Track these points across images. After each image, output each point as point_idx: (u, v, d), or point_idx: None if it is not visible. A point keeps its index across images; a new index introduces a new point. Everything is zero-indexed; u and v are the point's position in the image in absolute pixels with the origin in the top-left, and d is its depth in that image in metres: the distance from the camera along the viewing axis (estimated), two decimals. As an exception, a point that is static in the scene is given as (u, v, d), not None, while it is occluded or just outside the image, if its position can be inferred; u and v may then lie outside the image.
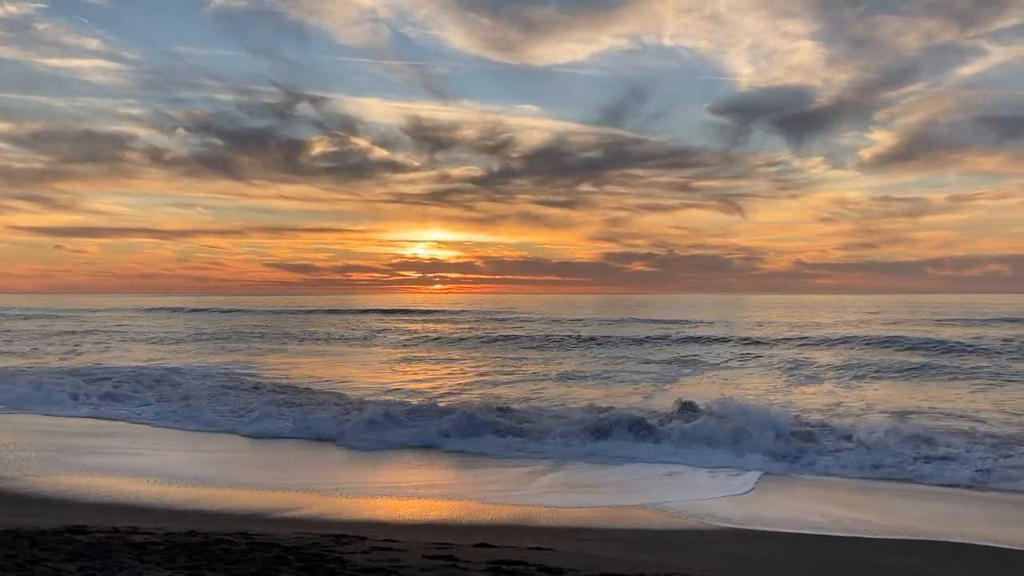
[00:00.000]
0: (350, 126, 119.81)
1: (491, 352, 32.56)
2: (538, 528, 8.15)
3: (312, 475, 10.98)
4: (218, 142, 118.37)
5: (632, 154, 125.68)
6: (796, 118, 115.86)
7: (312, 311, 73.42)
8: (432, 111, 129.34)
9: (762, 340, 34.49)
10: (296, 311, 74.00)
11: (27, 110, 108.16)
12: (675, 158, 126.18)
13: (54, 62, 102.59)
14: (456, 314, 66.80)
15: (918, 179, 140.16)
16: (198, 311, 74.46)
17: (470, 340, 38.33)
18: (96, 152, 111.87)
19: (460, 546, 6.74)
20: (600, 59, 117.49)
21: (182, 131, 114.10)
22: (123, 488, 9.77)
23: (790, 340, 33.99)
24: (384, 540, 6.89)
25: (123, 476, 10.48)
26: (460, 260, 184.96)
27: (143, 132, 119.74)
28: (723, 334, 38.03)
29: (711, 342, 34.00)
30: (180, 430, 14.60)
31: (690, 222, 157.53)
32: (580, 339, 36.50)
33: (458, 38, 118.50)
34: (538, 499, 9.57)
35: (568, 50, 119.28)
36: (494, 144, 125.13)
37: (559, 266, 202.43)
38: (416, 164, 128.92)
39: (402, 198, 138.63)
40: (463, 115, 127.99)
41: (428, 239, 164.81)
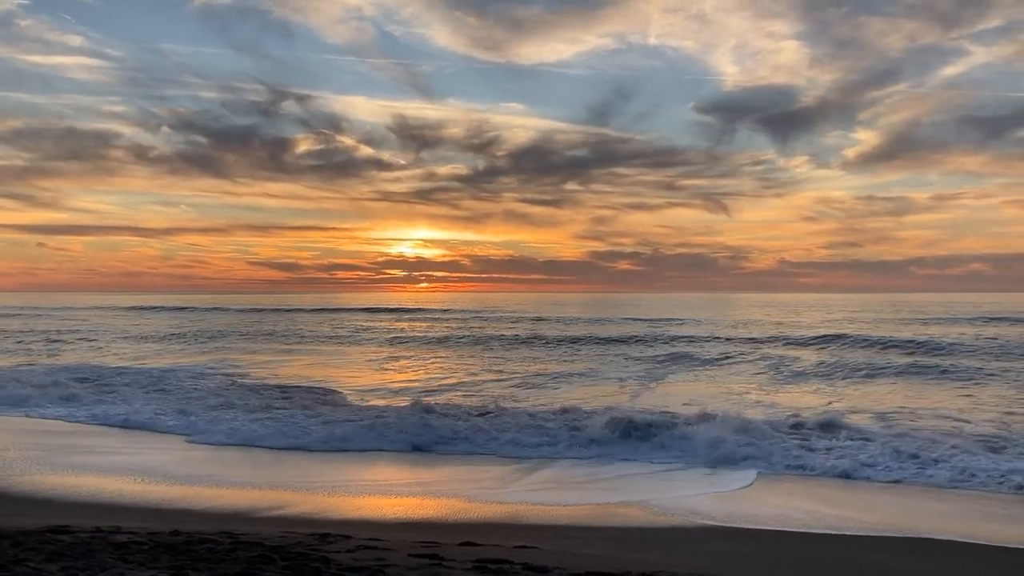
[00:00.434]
0: (335, 124, 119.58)
1: (476, 350, 32.54)
2: (524, 526, 8.16)
3: (296, 474, 10.94)
4: (202, 140, 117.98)
5: (618, 153, 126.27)
6: (781, 118, 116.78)
7: (297, 310, 73.13)
8: (418, 109, 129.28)
9: (747, 338, 34.69)
10: (281, 310, 73.65)
11: (9, 107, 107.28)
12: (660, 157, 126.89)
13: (37, 59, 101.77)
14: (441, 312, 66.70)
15: (901, 178, 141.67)
16: (182, 309, 73.96)
17: (455, 339, 38.32)
18: (80, 149, 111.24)
19: (445, 545, 6.74)
20: (586, 58, 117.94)
21: (166, 129, 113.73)
22: (106, 488, 9.70)
23: (775, 339, 34.17)
24: (369, 539, 6.88)
25: (106, 476, 10.40)
26: (446, 259, 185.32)
27: (127, 129, 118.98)
28: (708, 333, 38.23)
29: (697, 341, 34.13)
30: (162, 430, 14.49)
31: (675, 221, 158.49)
32: (565, 337, 36.57)
33: (444, 36, 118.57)
34: (524, 497, 9.58)
35: (554, 49, 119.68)
36: (480, 143, 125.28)
37: (545, 264, 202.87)
38: (402, 162, 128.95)
39: (388, 196, 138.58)
40: (449, 113, 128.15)
41: (414, 237, 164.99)
